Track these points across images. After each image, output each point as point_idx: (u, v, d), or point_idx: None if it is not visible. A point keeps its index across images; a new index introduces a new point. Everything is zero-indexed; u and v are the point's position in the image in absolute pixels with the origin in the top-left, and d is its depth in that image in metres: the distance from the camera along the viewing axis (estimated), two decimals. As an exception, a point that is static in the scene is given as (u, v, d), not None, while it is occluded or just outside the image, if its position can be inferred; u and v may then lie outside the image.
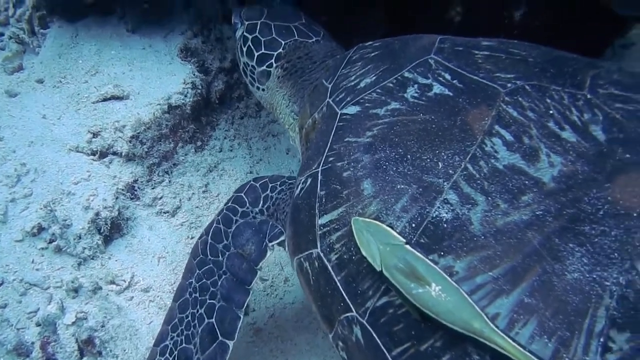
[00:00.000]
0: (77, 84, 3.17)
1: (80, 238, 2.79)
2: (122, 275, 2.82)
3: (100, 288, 2.74)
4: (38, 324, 2.61)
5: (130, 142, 2.93)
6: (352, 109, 2.00)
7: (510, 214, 1.51)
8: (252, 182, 2.42)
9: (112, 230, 2.87)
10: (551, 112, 1.66)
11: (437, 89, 1.85)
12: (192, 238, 2.99)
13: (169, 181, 3.08)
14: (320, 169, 1.92)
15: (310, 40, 2.69)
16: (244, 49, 2.75)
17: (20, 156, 2.99)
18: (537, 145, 1.60)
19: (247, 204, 2.38)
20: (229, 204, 2.37)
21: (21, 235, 2.78)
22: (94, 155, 3.00)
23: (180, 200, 3.05)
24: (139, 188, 2.99)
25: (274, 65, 2.69)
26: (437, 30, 2.48)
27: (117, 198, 2.89)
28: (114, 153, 2.98)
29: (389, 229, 1.60)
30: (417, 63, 1.98)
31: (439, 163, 1.67)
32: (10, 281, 2.67)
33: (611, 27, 2.73)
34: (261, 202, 2.38)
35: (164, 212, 3.00)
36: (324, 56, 2.65)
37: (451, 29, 2.84)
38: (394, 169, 1.72)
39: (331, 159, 1.90)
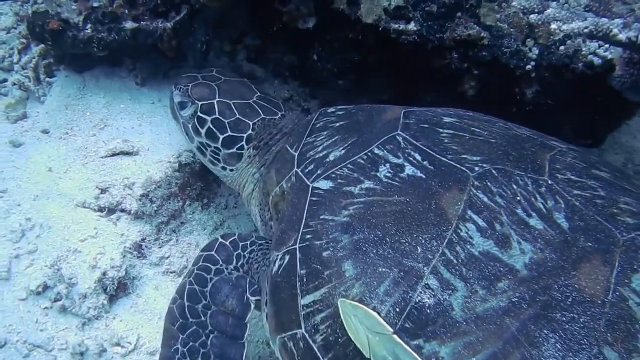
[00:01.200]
0: (84, 137, 3.16)
1: (85, 297, 2.77)
2: (128, 337, 2.80)
3: (105, 350, 2.71)
4: (40, 388, 2.55)
5: (140, 200, 2.92)
6: (325, 184, 2.08)
7: (489, 300, 1.63)
8: (221, 240, 2.44)
9: (117, 289, 2.84)
10: (518, 198, 1.79)
11: (409, 169, 1.96)
12: (198, 299, 2.96)
13: (176, 240, 3.08)
14: (297, 246, 1.99)
15: (277, 117, 2.73)
16: (202, 130, 2.70)
17: (25, 210, 2.96)
18: (508, 232, 1.72)
19: (220, 262, 2.40)
20: (200, 264, 2.38)
21: (25, 293, 2.75)
22: (102, 211, 2.99)
23: (187, 259, 3.05)
24: (146, 247, 2.99)
25: (245, 147, 2.68)
26: (449, 103, 2.58)
27: (124, 257, 2.87)
28: (122, 210, 2.97)
29: (376, 315, 1.67)
30: (385, 139, 2.11)
31: (418, 247, 1.76)
32: (13, 342, 2.64)
33: (620, 110, 2.84)
34: (234, 260, 2.42)
35: (171, 272, 3.00)
36: (292, 126, 2.71)
37: (464, 102, 2.93)
38: (374, 251, 1.80)
39: (308, 236, 1.98)
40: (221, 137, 2.65)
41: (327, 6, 2.96)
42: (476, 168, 1.90)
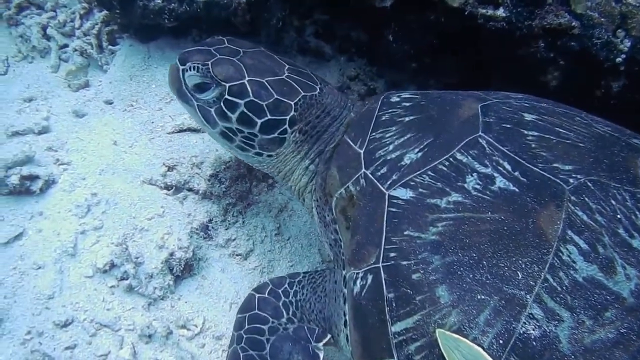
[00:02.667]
0: (150, 111, 3.09)
1: (152, 277, 2.73)
2: (194, 319, 2.76)
3: (172, 332, 2.67)
4: (108, 369, 2.53)
5: (209, 180, 2.87)
6: (403, 193, 1.91)
7: (596, 331, 1.53)
8: (259, 295, 2.32)
9: (184, 270, 2.79)
10: (619, 216, 1.69)
11: (500, 182, 1.81)
12: (264, 284, 2.92)
13: (243, 222, 3.02)
14: (381, 265, 1.84)
15: (316, 92, 2.38)
16: (232, 115, 2.30)
17: (90, 184, 2.92)
18: (611, 255, 1.62)
19: (270, 319, 2.26)
20: (248, 327, 2.23)
21: (91, 271, 2.72)
22: (168, 189, 2.93)
23: (253, 242, 3.01)
24: (212, 228, 2.94)
25: (289, 131, 2.35)
26: (530, 92, 2.44)
27: (191, 237, 2.82)
28: (190, 189, 2.92)
29: (481, 351, 1.57)
30: (467, 142, 1.93)
31: (518, 272, 1.64)
32: (80, 320, 2.62)
33: None
34: (283, 311, 2.29)
35: (237, 255, 2.95)
36: (338, 107, 2.47)
37: (545, 92, 2.82)
38: (471, 275, 1.67)
39: (393, 254, 1.82)
40: (259, 121, 2.29)
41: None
42: (571, 180, 1.77)
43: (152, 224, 2.86)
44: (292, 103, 2.30)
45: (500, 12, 2.73)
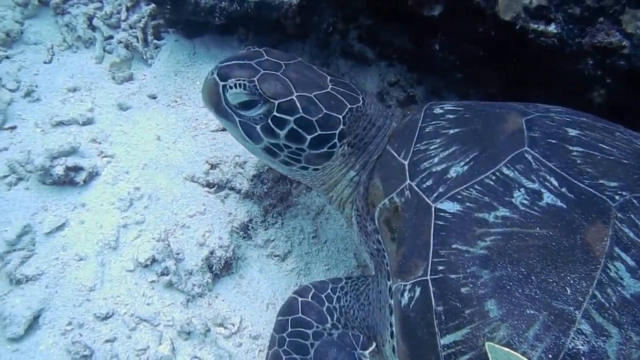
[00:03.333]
0: (194, 108, 3.10)
1: (191, 274, 2.75)
2: (231, 318, 2.78)
3: (209, 330, 2.69)
4: (147, 363, 2.54)
5: (251, 180, 2.88)
6: (451, 206, 1.93)
7: None
8: (302, 299, 2.30)
9: (222, 269, 2.80)
10: None
11: (548, 197, 1.83)
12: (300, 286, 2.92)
13: (282, 223, 3.04)
14: (429, 278, 1.86)
15: (360, 103, 2.33)
16: (281, 132, 2.23)
17: (133, 178, 2.93)
18: None
19: (315, 324, 2.25)
20: (291, 330, 2.22)
21: (132, 265, 2.74)
22: (210, 187, 2.95)
23: (291, 244, 3.02)
24: (252, 228, 2.96)
25: (338, 144, 2.31)
26: (572, 107, 2.43)
27: (232, 236, 2.83)
28: (232, 188, 2.93)
29: None
30: (513, 157, 1.95)
31: (567, 288, 1.66)
32: (121, 314, 2.63)
33: None
34: (328, 317, 2.28)
35: (275, 256, 2.97)
36: (382, 117, 2.44)
37: (588, 108, 2.82)
38: (520, 290, 1.69)
39: (441, 267, 1.84)
40: (309, 137, 2.24)
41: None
42: (617, 197, 1.79)
43: (194, 221, 2.88)
44: (341, 117, 2.27)
45: (552, 28, 2.73)
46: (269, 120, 2.23)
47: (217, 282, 2.87)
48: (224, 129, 3.05)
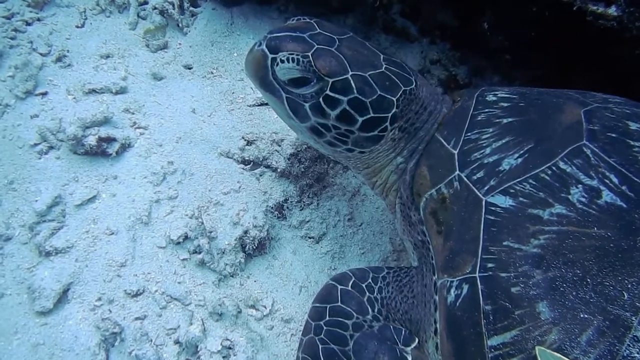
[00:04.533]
0: (231, 80, 2.99)
1: (224, 254, 2.68)
2: (263, 300, 2.71)
3: (240, 312, 2.62)
4: (177, 342, 2.50)
5: (288, 159, 2.78)
6: (502, 200, 1.82)
7: None
8: (341, 287, 2.18)
9: (256, 249, 2.71)
10: None
11: (607, 196, 1.72)
12: (334, 269, 2.85)
13: (317, 204, 2.94)
14: (478, 275, 1.76)
15: (414, 85, 2.17)
16: (332, 112, 2.09)
17: (167, 152, 2.84)
18: None
19: (355, 314, 2.13)
20: (329, 319, 2.11)
21: (164, 242, 2.67)
22: (245, 164, 2.86)
23: (326, 226, 2.93)
24: (287, 208, 2.86)
25: (389, 128, 2.17)
26: (622, 95, 2.30)
27: (266, 216, 2.73)
28: (268, 166, 2.83)
29: None
30: (571, 151, 1.84)
31: (624, 292, 1.56)
32: (152, 291, 2.57)
33: None
34: (369, 308, 2.17)
35: (309, 237, 2.88)
36: (434, 101, 2.29)
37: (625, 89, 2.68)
38: (574, 293, 1.61)
39: (490, 265, 1.75)
40: (361, 119, 2.10)
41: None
42: None
43: (228, 199, 2.79)
44: (395, 99, 2.11)
45: (612, 10, 2.57)
46: (321, 99, 2.08)
47: (250, 262, 2.79)
48: (261, 104, 2.94)
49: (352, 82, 2.05)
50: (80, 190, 2.74)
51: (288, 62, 2.03)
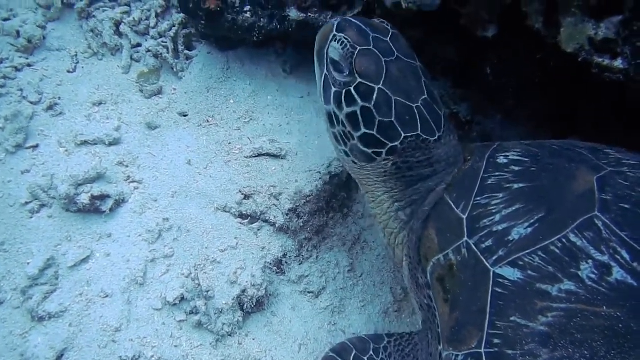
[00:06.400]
0: (228, 130, 2.91)
1: (221, 313, 2.62)
2: (261, 359, 2.59)
3: (240, 373, 2.53)
4: (175, 409, 2.41)
5: (287, 214, 2.71)
6: (511, 273, 1.77)
7: None
8: None
9: (254, 307, 2.63)
10: None
11: (617, 273, 1.66)
12: (334, 324, 2.78)
13: (316, 257, 2.88)
14: (483, 351, 1.71)
15: (434, 138, 2.16)
16: (345, 108, 2.16)
17: (162, 207, 2.77)
18: None
19: None
20: None
21: (160, 303, 2.60)
22: (243, 219, 2.79)
23: (326, 280, 2.87)
24: (286, 263, 2.80)
25: (384, 156, 2.17)
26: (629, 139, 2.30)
27: (264, 273, 2.66)
28: (266, 221, 2.77)
29: None
30: (582, 222, 1.77)
31: None
32: (148, 357, 2.52)
33: None
34: None
35: (309, 292, 2.82)
36: (446, 164, 2.25)
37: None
38: None
39: (497, 340, 1.70)
40: (363, 130, 2.14)
41: (514, 18, 2.55)
42: None
43: (225, 256, 2.72)
44: (403, 135, 2.12)
45: (618, 63, 2.46)
46: (344, 91, 2.15)
47: (248, 319, 2.73)
48: (258, 155, 2.84)
49: (375, 93, 2.10)
50: (74, 250, 2.66)
51: (339, 43, 2.14)
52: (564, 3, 2.43)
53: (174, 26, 3.12)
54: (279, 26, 2.70)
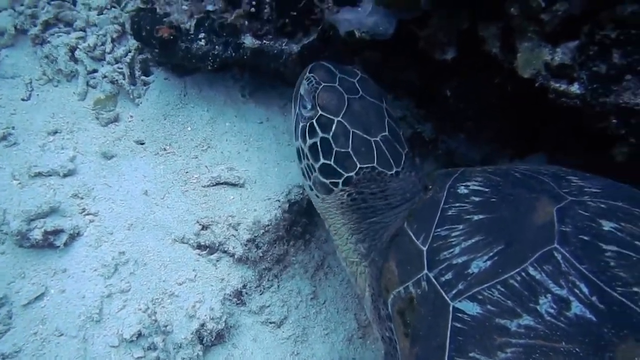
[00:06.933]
0: (185, 158, 2.86)
1: (180, 348, 2.58)
2: (222, 395, 2.58)
3: (198, 410, 2.51)
4: None
5: (245, 245, 2.68)
6: (470, 307, 1.75)
7: None
8: None
9: (214, 340, 2.59)
10: None
11: (576, 307, 1.64)
12: (297, 354, 2.76)
13: (278, 286, 2.85)
14: None
15: (390, 172, 2.24)
16: (308, 140, 2.29)
17: (118, 240, 2.72)
18: None
19: None
20: None
21: (117, 340, 2.55)
22: (201, 250, 2.74)
23: (287, 309, 2.84)
24: (246, 293, 2.78)
25: (340, 187, 2.26)
26: (596, 164, 2.32)
27: (224, 305, 2.63)
28: (224, 252, 2.74)
29: None
30: (541, 255, 1.76)
31: None
32: (104, 397, 2.41)
33: None
34: None
35: (270, 322, 2.79)
36: (402, 198, 2.29)
37: (611, 167, 2.60)
38: None
39: None
40: (322, 161, 2.25)
41: (471, 43, 2.54)
42: None
43: (183, 290, 2.68)
44: (359, 166, 2.20)
45: (575, 88, 2.46)
46: (307, 124, 2.29)
47: (208, 353, 2.70)
48: (216, 184, 2.80)
49: (334, 125, 2.22)
50: (27, 287, 2.61)
51: (307, 81, 2.32)
52: (520, 28, 2.41)
53: (130, 51, 3.07)
54: (234, 54, 2.66)
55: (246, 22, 2.67)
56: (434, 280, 1.87)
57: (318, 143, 2.26)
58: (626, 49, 2.28)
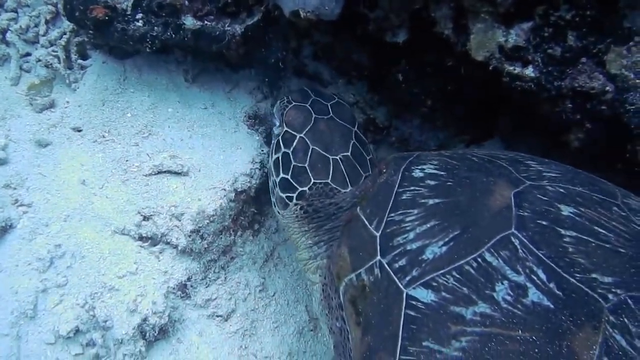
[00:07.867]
0: (125, 146, 2.76)
1: (121, 344, 2.52)
2: (166, 391, 2.50)
3: (140, 409, 2.44)
4: None
5: (189, 236, 2.61)
6: (424, 295, 1.72)
7: None
8: None
9: (157, 335, 2.52)
10: None
11: (533, 294, 1.63)
12: (245, 348, 2.70)
13: (225, 278, 2.79)
14: None
15: (344, 190, 2.34)
16: (274, 156, 2.48)
17: (54, 233, 2.62)
18: None
19: None
20: None
21: (53, 337, 2.46)
22: (143, 241, 2.65)
23: (235, 302, 2.78)
24: (191, 286, 2.71)
25: (294, 201, 2.38)
26: (552, 151, 2.36)
27: (167, 298, 2.55)
28: (167, 243, 2.66)
29: None
30: (498, 241, 1.74)
31: None
32: (39, 397, 2.32)
33: None
34: None
35: (217, 316, 2.74)
36: (352, 198, 2.33)
37: (567, 153, 2.59)
38: None
39: None
40: (281, 175, 2.40)
41: (423, 25, 2.50)
42: (610, 296, 1.59)
43: (124, 283, 2.60)
44: (312, 181, 2.33)
45: (529, 71, 2.45)
46: (275, 141, 2.48)
47: (152, 348, 2.63)
48: (158, 172, 2.71)
49: (296, 140, 2.38)
50: (-44, 284, 2.48)
51: (280, 101, 2.55)
52: (473, 8, 2.37)
53: (65, 33, 2.95)
54: (174, 35, 2.57)
55: (186, 2, 2.58)
56: (387, 266, 1.84)
57: (280, 158, 2.41)
58: (582, 31, 2.26)
